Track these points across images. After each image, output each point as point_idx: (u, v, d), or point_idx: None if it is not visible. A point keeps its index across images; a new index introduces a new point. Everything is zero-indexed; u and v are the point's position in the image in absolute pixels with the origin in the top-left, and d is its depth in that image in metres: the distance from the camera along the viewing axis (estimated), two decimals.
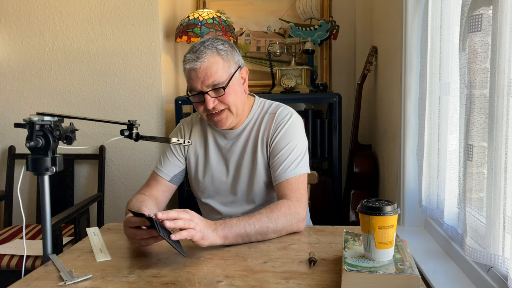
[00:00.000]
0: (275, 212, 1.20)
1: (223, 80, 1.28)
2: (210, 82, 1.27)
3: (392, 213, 0.91)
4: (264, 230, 1.17)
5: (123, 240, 1.21)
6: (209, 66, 1.26)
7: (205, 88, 1.27)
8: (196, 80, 1.27)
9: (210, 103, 1.28)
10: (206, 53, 1.27)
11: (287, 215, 1.22)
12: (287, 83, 2.46)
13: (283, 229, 1.21)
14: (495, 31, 0.99)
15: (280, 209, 1.21)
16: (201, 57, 1.26)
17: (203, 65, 1.26)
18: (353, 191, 2.44)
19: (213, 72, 1.26)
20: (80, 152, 2.52)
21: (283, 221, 1.20)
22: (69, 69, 2.52)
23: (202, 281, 0.95)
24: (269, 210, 1.20)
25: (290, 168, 1.32)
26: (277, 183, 1.33)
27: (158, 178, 1.43)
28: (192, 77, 1.28)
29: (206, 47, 1.28)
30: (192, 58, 1.27)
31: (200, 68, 1.26)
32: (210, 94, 1.28)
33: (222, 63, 1.29)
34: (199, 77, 1.27)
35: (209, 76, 1.26)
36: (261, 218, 1.18)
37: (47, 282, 0.98)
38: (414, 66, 1.73)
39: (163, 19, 2.52)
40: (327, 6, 2.75)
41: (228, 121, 1.34)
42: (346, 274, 0.86)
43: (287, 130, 1.36)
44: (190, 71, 1.28)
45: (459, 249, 1.39)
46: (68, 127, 1.08)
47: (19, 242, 2.10)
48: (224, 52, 1.30)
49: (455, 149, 1.37)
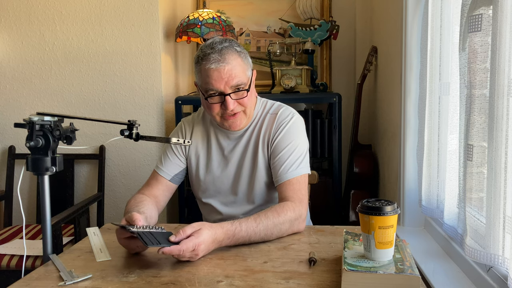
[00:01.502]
0: (281, 217, 1.20)
1: (245, 82, 1.28)
2: (234, 83, 1.26)
3: (392, 213, 0.91)
4: (268, 236, 1.18)
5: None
6: (233, 68, 1.25)
7: (228, 89, 1.26)
8: (219, 80, 1.25)
9: (231, 105, 1.27)
10: (231, 54, 1.26)
11: (292, 219, 1.22)
12: (287, 83, 2.46)
13: (285, 232, 1.23)
14: (495, 31, 0.99)
15: (286, 213, 1.21)
16: (226, 58, 1.24)
17: (228, 66, 1.24)
18: (353, 191, 2.44)
19: (238, 74, 1.26)
20: (80, 152, 2.52)
21: (288, 226, 1.22)
22: (69, 69, 2.52)
23: (202, 281, 0.95)
24: (275, 214, 1.20)
25: (292, 169, 1.32)
26: (278, 183, 1.33)
27: (159, 177, 1.43)
28: (215, 77, 1.25)
29: (228, 48, 1.26)
30: (216, 58, 1.24)
31: (225, 69, 1.24)
32: (231, 96, 1.27)
33: (243, 66, 1.29)
34: (223, 77, 1.25)
35: (233, 77, 1.25)
36: (267, 225, 1.17)
37: (47, 282, 0.98)
38: (414, 66, 1.73)
39: (163, 19, 2.52)
40: (327, 6, 2.75)
41: (242, 123, 1.35)
42: (346, 274, 0.86)
43: (288, 130, 1.36)
44: (213, 71, 1.25)
45: (459, 249, 1.39)
46: (68, 127, 1.08)
47: (19, 242, 2.10)
48: (243, 54, 1.30)
49: (455, 149, 1.37)
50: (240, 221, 1.15)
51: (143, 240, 0.98)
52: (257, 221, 1.16)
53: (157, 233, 1.04)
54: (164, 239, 1.03)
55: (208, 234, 1.06)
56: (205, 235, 1.05)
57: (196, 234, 1.04)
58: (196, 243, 1.03)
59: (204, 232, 1.06)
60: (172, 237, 1.03)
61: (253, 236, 1.15)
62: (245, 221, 1.15)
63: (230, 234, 1.12)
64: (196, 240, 1.03)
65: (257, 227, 1.15)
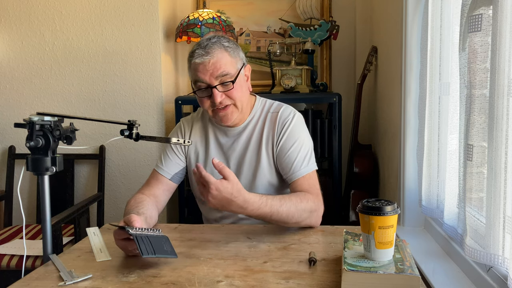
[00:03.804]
0: (303, 203, 1.23)
1: (231, 74, 1.31)
2: (219, 73, 1.29)
3: (392, 213, 0.91)
4: (289, 218, 1.21)
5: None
6: (218, 60, 1.29)
7: (213, 81, 1.29)
8: (204, 72, 1.29)
9: (218, 97, 1.30)
10: (215, 48, 1.29)
11: (312, 210, 1.25)
12: (287, 83, 2.46)
13: (303, 221, 1.25)
14: (495, 31, 0.99)
15: (308, 201, 1.24)
16: (210, 51, 1.29)
17: (212, 59, 1.28)
18: (353, 191, 2.44)
19: (222, 65, 1.29)
20: (80, 152, 2.52)
21: (307, 215, 1.24)
22: (69, 69, 2.52)
23: (202, 281, 0.95)
24: (298, 200, 1.23)
25: (303, 165, 1.35)
26: (292, 181, 1.35)
27: (159, 177, 1.43)
28: (200, 69, 1.29)
29: (214, 43, 1.31)
30: (201, 53, 1.29)
31: (210, 62, 1.28)
32: (218, 88, 1.30)
33: (229, 59, 1.32)
34: (207, 69, 1.28)
35: (218, 68, 1.28)
36: (290, 208, 1.20)
37: (47, 282, 0.98)
38: (414, 66, 1.73)
39: (163, 19, 2.52)
40: (327, 6, 2.75)
41: (233, 117, 1.36)
42: (346, 274, 0.86)
43: (293, 129, 1.39)
44: (198, 64, 1.29)
45: (459, 249, 1.39)
46: (68, 127, 1.08)
47: (19, 242, 2.10)
48: (230, 49, 1.33)
49: (455, 149, 1.37)
50: (267, 197, 1.18)
51: (140, 249, 0.98)
52: (281, 201, 1.19)
53: (153, 238, 1.05)
54: (161, 245, 1.04)
55: (228, 188, 1.08)
56: (225, 186, 1.08)
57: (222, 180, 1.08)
58: (213, 183, 1.07)
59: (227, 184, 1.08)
60: (215, 159, 1.10)
61: (275, 215, 1.18)
62: (271, 198, 1.18)
63: (255, 206, 1.14)
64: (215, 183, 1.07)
65: (280, 207, 1.18)
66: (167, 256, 1.04)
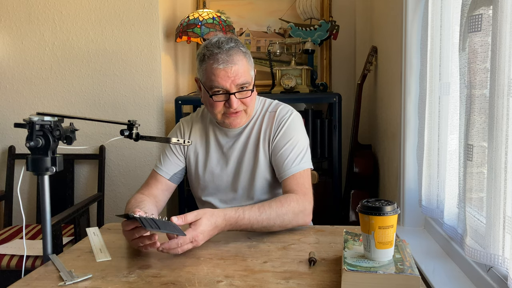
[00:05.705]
0: (284, 207, 1.22)
1: (249, 82, 1.32)
2: (240, 83, 1.29)
3: (392, 213, 0.91)
4: (270, 225, 1.21)
5: (123, 240, 1.21)
6: (239, 68, 1.29)
7: (233, 88, 1.29)
8: (225, 79, 1.28)
9: (235, 104, 1.30)
10: (237, 55, 1.29)
11: (296, 211, 1.24)
12: (287, 83, 2.46)
13: (288, 224, 1.24)
14: (495, 31, 0.99)
15: (290, 204, 1.24)
16: (234, 58, 1.28)
17: (235, 66, 1.28)
18: (353, 191, 2.44)
19: (243, 73, 1.29)
20: (80, 152, 2.52)
21: (291, 217, 1.23)
22: (69, 69, 2.52)
23: (202, 281, 0.95)
24: (279, 204, 1.22)
25: (295, 164, 1.35)
26: (282, 179, 1.35)
27: (158, 177, 1.43)
28: (221, 76, 1.27)
29: (235, 49, 1.30)
30: (224, 59, 1.27)
31: (232, 69, 1.27)
32: (236, 95, 1.30)
33: (248, 66, 1.33)
34: (229, 76, 1.28)
35: (239, 76, 1.28)
36: (270, 215, 1.20)
37: (47, 282, 0.98)
38: (414, 66, 1.73)
39: (163, 19, 2.52)
40: (327, 6, 2.75)
41: (242, 121, 1.38)
42: (346, 274, 0.86)
43: (288, 127, 1.39)
44: (220, 70, 1.27)
45: (459, 249, 1.39)
46: (68, 127, 1.08)
47: (19, 242, 2.10)
48: (247, 55, 1.34)
49: (455, 149, 1.37)
50: (244, 209, 1.18)
51: (143, 224, 0.98)
52: (260, 210, 1.19)
53: (158, 221, 1.05)
54: (167, 225, 1.04)
55: (207, 224, 1.10)
56: (203, 226, 1.09)
57: (194, 225, 1.08)
58: (193, 235, 1.07)
59: (203, 222, 1.09)
60: (174, 218, 1.06)
61: (255, 224, 1.18)
62: (248, 209, 1.18)
63: (233, 222, 1.15)
64: (194, 232, 1.07)
65: (259, 216, 1.18)
66: (174, 232, 1.03)
